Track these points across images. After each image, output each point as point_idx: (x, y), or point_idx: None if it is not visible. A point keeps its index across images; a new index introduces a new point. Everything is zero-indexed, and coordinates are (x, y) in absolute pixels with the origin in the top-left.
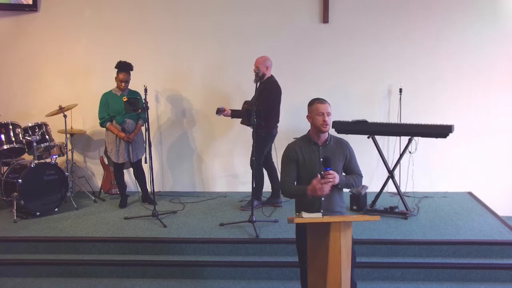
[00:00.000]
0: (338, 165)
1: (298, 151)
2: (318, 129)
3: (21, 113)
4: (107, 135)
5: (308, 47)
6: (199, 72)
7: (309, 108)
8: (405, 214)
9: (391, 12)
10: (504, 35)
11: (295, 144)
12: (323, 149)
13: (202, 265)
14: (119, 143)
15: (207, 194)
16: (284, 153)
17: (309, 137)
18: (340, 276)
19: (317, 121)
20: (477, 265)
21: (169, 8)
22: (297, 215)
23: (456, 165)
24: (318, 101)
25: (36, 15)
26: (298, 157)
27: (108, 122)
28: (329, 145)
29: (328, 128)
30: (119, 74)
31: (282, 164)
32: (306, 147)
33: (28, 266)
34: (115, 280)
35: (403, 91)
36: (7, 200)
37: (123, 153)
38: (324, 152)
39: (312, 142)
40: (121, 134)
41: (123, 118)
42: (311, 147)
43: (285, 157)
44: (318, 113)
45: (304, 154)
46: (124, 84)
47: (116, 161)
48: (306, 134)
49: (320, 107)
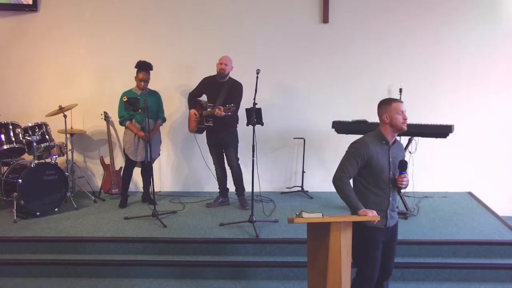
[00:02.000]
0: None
1: (373, 148)
2: (397, 128)
3: (21, 113)
4: (125, 134)
5: (308, 47)
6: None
7: (385, 107)
8: (405, 214)
9: (391, 12)
10: (504, 35)
11: (369, 140)
12: (392, 148)
13: (202, 265)
14: (138, 142)
15: (207, 194)
16: (355, 146)
17: (382, 135)
18: (340, 276)
19: (398, 120)
20: (477, 265)
21: (170, 7)
22: (297, 215)
23: (456, 165)
24: (397, 101)
25: (36, 15)
26: (372, 154)
27: (127, 121)
28: (396, 145)
29: (406, 126)
30: (138, 73)
31: (348, 155)
32: (379, 145)
33: (28, 266)
34: (115, 280)
35: (403, 91)
36: (7, 200)
37: (141, 152)
38: (393, 151)
39: (385, 141)
40: (141, 133)
41: (142, 117)
42: (383, 145)
43: (355, 150)
44: (398, 112)
45: (378, 152)
46: (144, 83)
47: (135, 159)
48: (378, 132)
49: (400, 105)
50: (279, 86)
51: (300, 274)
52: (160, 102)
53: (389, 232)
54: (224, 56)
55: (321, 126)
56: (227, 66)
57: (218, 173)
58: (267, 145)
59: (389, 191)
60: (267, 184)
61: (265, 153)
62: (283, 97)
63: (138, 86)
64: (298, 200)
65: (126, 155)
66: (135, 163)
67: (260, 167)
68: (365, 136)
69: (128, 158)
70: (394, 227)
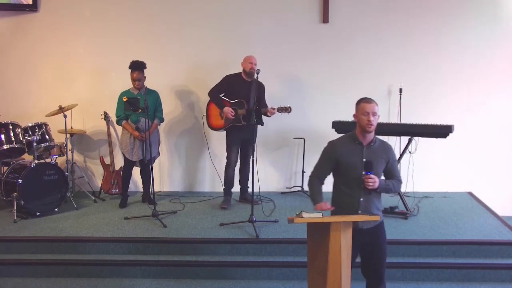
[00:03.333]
0: (379, 168)
1: (342, 148)
2: (363, 129)
3: (21, 113)
4: (122, 133)
5: (308, 47)
6: (199, 72)
7: (356, 107)
8: (405, 214)
9: (391, 12)
10: (504, 35)
11: (339, 141)
12: (367, 150)
13: (202, 265)
14: (134, 142)
15: (207, 194)
16: (325, 148)
17: (355, 136)
18: (340, 276)
19: (362, 120)
20: (477, 265)
21: (170, 8)
22: (297, 215)
23: (456, 165)
24: (365, 101)
25: (36, 15)
26: (340, 155)
27: (124, 120)
28: (374, 147)
29: (373, 128)
30: (132, 73)
31: (320, 157)
32: (350, 146)
33: (28, 266)
34: (115, 280)
35: (403, 91)
36: (7, 200)
37: (137, 151)
38: (368, 153)
39: (358, 141)
40: (135, 133)
41: (137, 117)
42: (356, 146)
43: (325, 152)
44: (363, 113)
45: (348, 153)
46: (138, 82)
47: (131, 158)
48: (353, 133)
49: (365, 106)
50: (279, 86)
51: (300, 274)
52: (158, 102)
53: (365, 234)
54: (252, 56)
55: (321, 126)
56: (255, 66)
57: (231, 173)
58: (267, 145)
59: (360, 192)
60: (267, 184)
61: (265, 153)
62: (283, 97)
63: (134, 86)
64: (298, 200)
65: (124, 155)
66: (134, 163)
67: (260, 167)
68: (341, 136)
69: (126, 157)
70: (373, 231)
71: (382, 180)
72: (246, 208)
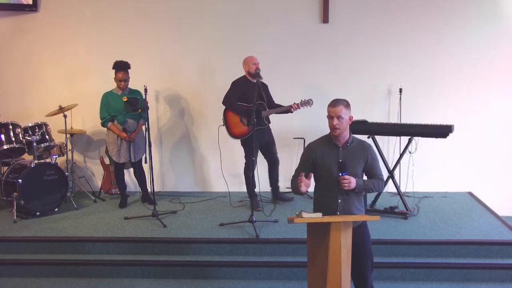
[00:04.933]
0: (357, 168)
1: (317, 151)
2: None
3: (21, 113)
4: (108, 135)
5: (308, 47)
6: (199, 72)
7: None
8: (405, 214)
9: (391, 12)
10: (504, 35)
11: (315, 143)
12: (343, 150)
13: (202, 265)
14: (121, 143)
15: (207, 194)
16: (303, 151)
17: (330, 138)
18: (340, 276)
19: (329, 123)
20: (477, 265)
21: (168, 9)
22: (297, 215)
23: (456, 165)
24: (330, 104)
25: (36, 15)
26: (315, 156)
27: (109, 122)
28: (350, 147)
29: (339, 132)
30: (117, 73)
31: (300, 160)
32: (325, 148)
33: (28, 266)
34: (115, 280)
35: (403, 91)
36: (7, 200)
37: (124, 153)
38: (344, 153)
39: (333, 143)
40: (123, 134)
41: (124, 118)
42: (331, 148)
43: (303, 154)
44: (329, 116)
45: (323, 154)
46: (123, 83)
47: (118, 161)
48: (328, 134)
49: (330, 110)
50: (279, 86)
51: (300, 274)
52: (142, 101)
53: None
54: (253, 56)
55: (321, 126)
56: (259, 65)
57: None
58: None
59: (337, 193)
60: (267, 184)
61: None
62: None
63: (119, 87)
64: (298, 200)
65: (109, 157)
66: (122, 165)
67: (260, 167)
68: (319, 138)
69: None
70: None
71: (361, 180)
72: (247, 208)
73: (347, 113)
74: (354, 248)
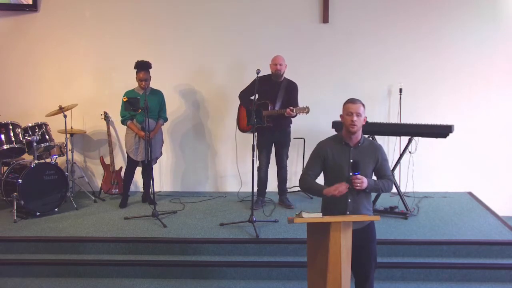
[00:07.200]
0: (368, 168)
1: (329, 149)
2: (347, 129)
3: (21, 113)
4: (127, 133)
5: (308, 47)
6: (199, 72)
7: (342, 107)
8: (405, 214)
9: (391, 12)
10: (504, 35)
11: (326, 142)
12: (354, 150)
13: (202, 265)
14: (139, 141)
15: (207, 194)
16: (314, 149)
17: (341, 137)
18: (340, 276)
19: (346, 120)
20: (477, 265)
21: (170, 8)
22: (297, 215)
23: (456, 165)
24: (350, 101)
25: (36, 15)
26: (327, 155)
27: (129, 120)
28: (361, 147)
29: (356, 128)
30: (138, 73)
31: (309, 158)
32: (337, 147)
33: (28, 266)
34: (115, 280)
35: (403, 91)
36: (7, 200)
37: (142, 151)
38: (356, 153)
39: (344, 142)
40: (141, 133)
41: (143, 116)
42: (342, 147)
43: (314, 152)
44: (347, 113)
45: (334, 154)
46: (144, 82)
47: (135, 158)
48: (339, 134)
49: (350, 106)
50: None
51: (300, 274)
52: (163, 102)
53: (355, 234)
54: (278, 56)
55: (321, 126)
56: (281, 66)
57: (261, 175)
58: None
59: (347, 193)
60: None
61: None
62: None
63: (140, 86)
64: (298, 200)
65: (128, 154)
66: (137, 163)
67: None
68: (329, 137)
69: (130, 157)
70: (363, 230)
71: (372, 180)
72: (247, 208)
73: (364, 112)
74: (360, 247)
